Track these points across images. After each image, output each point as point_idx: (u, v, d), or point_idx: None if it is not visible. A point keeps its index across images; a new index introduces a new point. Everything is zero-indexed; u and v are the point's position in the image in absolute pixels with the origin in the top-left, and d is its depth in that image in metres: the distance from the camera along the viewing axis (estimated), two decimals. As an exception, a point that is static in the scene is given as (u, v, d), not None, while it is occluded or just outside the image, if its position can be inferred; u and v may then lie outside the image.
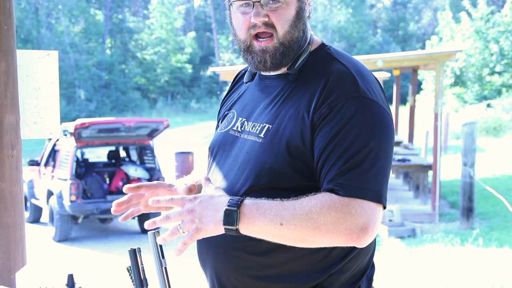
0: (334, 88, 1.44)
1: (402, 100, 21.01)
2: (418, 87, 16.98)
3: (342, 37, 40.97)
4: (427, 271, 6.11)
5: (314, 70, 1.53)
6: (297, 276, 1.50)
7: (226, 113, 1.74)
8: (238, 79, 1.83)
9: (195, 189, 1.63)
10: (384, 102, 1.48)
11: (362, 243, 1.37)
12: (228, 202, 1.38)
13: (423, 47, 34.13)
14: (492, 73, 24.23)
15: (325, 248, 1.47)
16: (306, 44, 1.57)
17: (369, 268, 1.62)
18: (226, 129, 1.67)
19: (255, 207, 1.37)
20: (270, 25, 1.49)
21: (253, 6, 1.48)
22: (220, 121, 1.76)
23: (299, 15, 1.51)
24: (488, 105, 22.05)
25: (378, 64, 9.64)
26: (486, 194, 9.60)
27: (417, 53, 13.46)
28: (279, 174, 1.47)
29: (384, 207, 1.40)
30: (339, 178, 1.38)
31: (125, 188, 1.68)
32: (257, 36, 1.52)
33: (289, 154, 1.46)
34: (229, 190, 1.53)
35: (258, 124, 1.55)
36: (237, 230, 1.37)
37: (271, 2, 1.47)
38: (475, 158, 8.34)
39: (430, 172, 9.87)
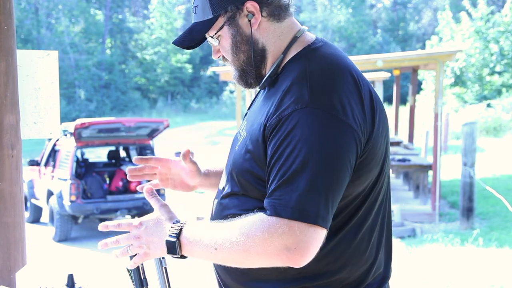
0: (287, 96, 1.39)
1: (402, 100, 21.00)
2: (418, 87, 16.98)
3: (342, 37, 40.98)
4: (427, 271, 6.10)
5: (287, 75, 1.47)
6: (273, 285, 1.48)
7: (245, 114, 1.76)
8: None
9: (188, 155, 1.74)
10: (346, 112, 1.35)
11: (297, 264, 1.30)
12: (169, 231, 1.42)
13: (423, 47, 34.14)
14: (492, 73, 24.23)
15: None
16: (282, 52, 1.51)
17: (368, 279, 1.52)
18: (237, 131, 1.69)
19: (192, 235, 1.40)
20: (224, 57, 1.60)
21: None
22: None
23: (236, 40, 1.52)
24: (488, 105, 22.06)
25: (378, 64, 9.63)
26: (486, 194, 9.59)
27: (417, 53, 13.44)
28: (245, 184, 1.46)
29: (324, 227, 1.30)
30: (272, 196, 1.32)
31: (134, 159, 1.75)
32: None
33: (250, 165, 1.44)
34: (219, 192, 1.59)
35: (244, 131, 1.55)
36: (182, 256, 1.42)
37: (213, 42, 1.57)
38: (475, 158, 8.33)
39: (430, 172, 9.87)
